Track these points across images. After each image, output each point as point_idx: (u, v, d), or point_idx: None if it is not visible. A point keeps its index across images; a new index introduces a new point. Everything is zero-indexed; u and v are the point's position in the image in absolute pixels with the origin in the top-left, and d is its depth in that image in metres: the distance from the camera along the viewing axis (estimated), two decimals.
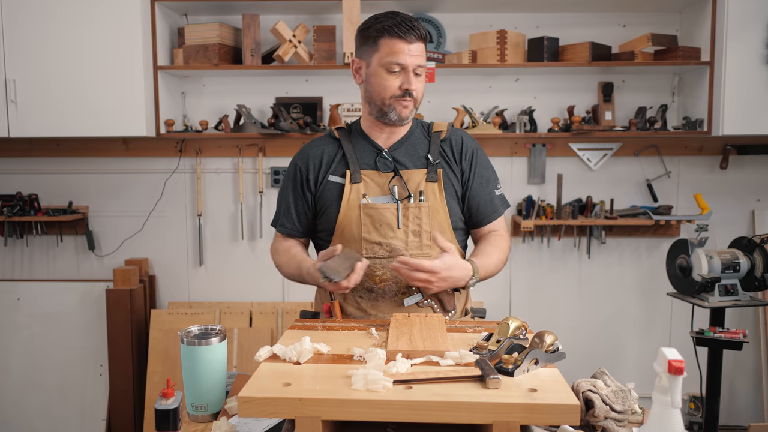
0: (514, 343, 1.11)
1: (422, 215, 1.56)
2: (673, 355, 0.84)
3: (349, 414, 0.94)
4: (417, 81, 1.55)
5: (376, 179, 1.59)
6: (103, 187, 3.20)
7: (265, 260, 3.18)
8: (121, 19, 2.72)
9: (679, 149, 3.09)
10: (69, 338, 3.17)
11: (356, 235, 1.56)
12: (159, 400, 1.11)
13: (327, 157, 1.64)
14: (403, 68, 1.52)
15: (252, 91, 3.11)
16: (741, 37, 2.70)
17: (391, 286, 1.56)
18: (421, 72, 1.55)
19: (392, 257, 1.54)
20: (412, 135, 1.65)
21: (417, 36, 1.52)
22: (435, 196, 1.58)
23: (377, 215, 1.55)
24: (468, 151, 1.65)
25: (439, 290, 1.48)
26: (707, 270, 2.45)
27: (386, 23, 1.51)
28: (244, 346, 3.00)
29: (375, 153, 1.62)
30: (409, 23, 1.52)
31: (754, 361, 3.17)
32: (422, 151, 1.63)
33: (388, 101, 1.55)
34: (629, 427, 1.09)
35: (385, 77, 1.54)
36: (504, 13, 3.06)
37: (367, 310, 1.58)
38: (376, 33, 1.53)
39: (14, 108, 2.75)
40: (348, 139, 1.65)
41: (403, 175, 1.58)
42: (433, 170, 1.60)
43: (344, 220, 1.57)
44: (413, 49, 1.51)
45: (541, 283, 3.17)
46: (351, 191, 1.58)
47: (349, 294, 1.58)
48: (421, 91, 1.57)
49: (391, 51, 1.51)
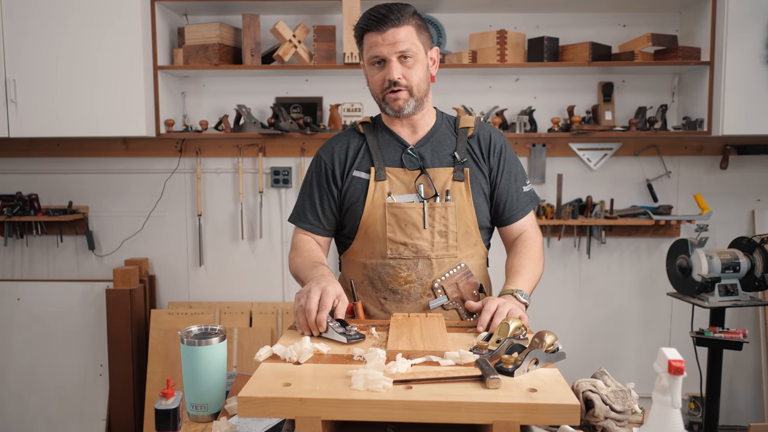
0: (514, 343, 1.11)
1: (449, 215, 1.52)
2: (673, 355, 0.84)
3: (349, 414, 0.94)
4: (406, 68, 1.49)
5: (402, 177, 1.55)
6: (103, 187, 3.20)
7: (265, 260, 3.18)
8: (121, 19, 2.72)
9: (679, 149, 3.09)
10: (69, 338, 3.16)
11: (381, 234, 1.53)
12: (159, 400, 1.11)
13: (352, 151, 1.60)
14: (383, 59, 1.49)
15: (252, 91, 3.11)
16: (741, 37, 2.70)
17: (417, 287, 1.53)
18: (411, 55, 1.48)
19: (417, 258, 1.52)
20: (437, 131, 1.61)
21: (392, 23, 1.46)
22: (462, 195, 1.54)
23: (402, 215, 1.52)
24: (497, 147, 1.60)
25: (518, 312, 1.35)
26: (707, 270, 2.45)
27: (362, 19, 1.50)
28: (244, 346, 3.00)
29: (401, 149, 1.58)
30: (381, 12, 1.47)
31: (754, 361, 3.17)
32: (449, 149, 1.58)
33: (381, 95, 1.54)
34: (629, 427, 1.09)
35: (372, 73, 1.53)
36: (504, 13, 3.06)
37: (391, 312, 1.54)
38: (358, 32, 1.53)
39: (14, 108, 2.75)
40: (373, 133, 1.61)
41: (430, 173, 1.54)
42: (460, 169, 1.55)
43: (368, 219, 1.54)
44: (387, 38, 1.46)
45: (542, 283, 3.14)
46: (375, 189, 1.54)
47: (372, 294, 1.56)
48: (414, 78, 1.50)
49: (369, 46, 1.50)
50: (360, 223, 1.55)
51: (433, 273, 1.53)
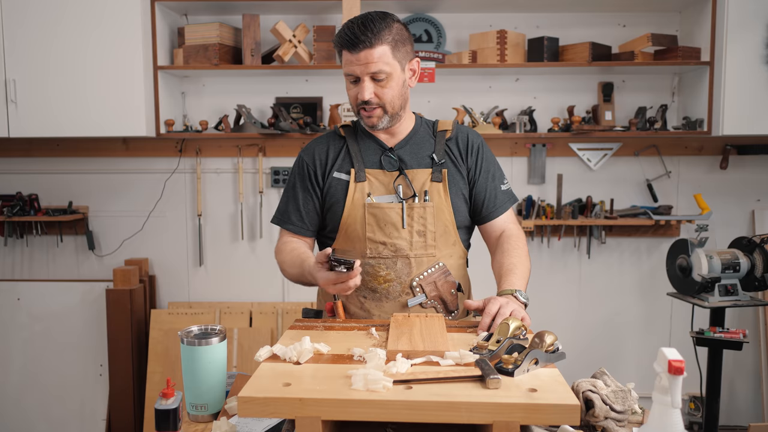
0: (514, 343, 1.11)
1: (427, 215, 1.56)
2: (673, 355, 0.84)
3: (349, 414, 0.94)
4: (379, 87, 1.49)
5: (381, 178, 1.59)
6: (103, 187, 3.20)
7: (265, 260, 3.18)
8: (121, 19, 2.72)
9: (679, 149, 3.09)
10: (69, 338, 3.16)
11: (360, 234, 1.56)
12: (159, 400, 1.11)
13: (333, 152, 1.63)
14: (358, 78, 1.50)
15: (252, 91, 3.11)
16: (741, 37, 2.70)
17: (395, 286, 1.56)
18: (384, 78, 1.48)
19: (396, 257, 1.55)
20: (416, 134, 1.64)
21: (364, 44, 1.45)
22: (440, 195, 1.58)
23: (382, 215, 1.55)
24: (474, 146, 1.64)
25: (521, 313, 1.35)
26: (707, 270, 2.45)
27: (338, 35, 1.50)
28: (244, 346, 3.00)
29: (380, 151, 1.61)
30: (355, 32, 1.45)
31: (754, 361, 3.17)
32: (427, 151, 1.62)
33: (356, 109, 1.56)
34: (629, 427, 1.09)
35: (348, 87, 1.55)
36: (504, 13, 3.06)
37: (370, 310, 1.57)
38: (335, 46, 1.53)
39: (14, 108, 2.75)
40: (353, 137, 1.65)
41: (408, 174, 1.58)
42: (438, 170, 1.59)
43: (348, 219, 1.57)
44: (361, 58, 1.46)
45: (542, 283, 3.17)
46: (355, 190, 1.57)
47: (352, 294, 1.58)
48: (388, 96, 1.51)
49: (344, 62, 1.51)
50: (340, 223, 1.58)
51: (411, 272, 1.55)
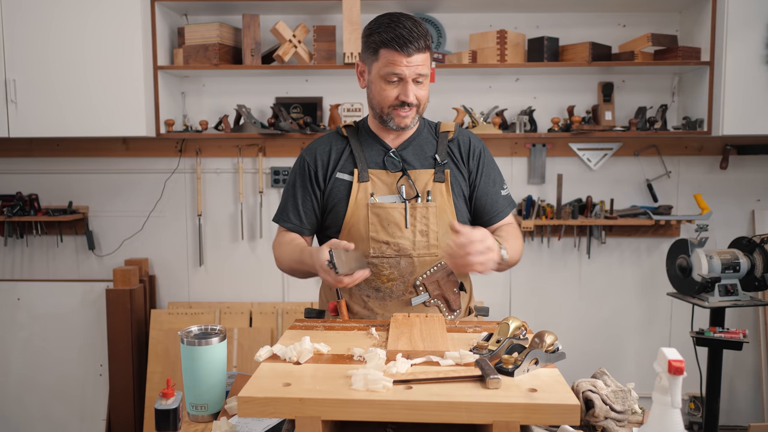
0: (514, 343, 1.11)
1: (429, 215, 1.57)
2: (673, 355, 0.84)
3: (349, 414, 0.94)
4: (418, 88, 1.53)
5: (384, 178, 1.60)
6: (103, 187, 3.20)
7: (265, 260, 3.18)
8: (121, 19, 2.72)
9: (679, 149, 3.09)
10: (69, 338, 3.16)
11: (364, 234, 1.56)
12: (159, 400, 1.11)
13: (335, 153, 1.64)
14: (401, 79, 1.51)
15: (252, 91, 3.11)
16: (741, 37, 2.70)
17: (399, 285, 1.56)
18: (423, 80, 1.53)
19: (399, 256, 1.55)
20: (419, 135, 1.65)
21: (417, 48, 1.47)
22: (442, 196, 1.59)
23: (385, 215, 1.56)
24: (475, 151, 1.65)
25: (488, 264, 1.37)
26: (707, 270, 2.45)
27: (386, 36, 1.48)
28: (244, 346, 3.00)
29: (383, 152, 1.62)
30: (409, 36, 1.47)
31: (754, 361, 3.17)
32: (430, 152, 1.63)
33: (387, 110, 1.55)
34: (629, 427, 1.09)
35: (383, 87, 1.53)
36: (504, 13, 3.06)
37: (374, 309, 1.58)
38: (375, 45, 1.51)
39: (14, 108, 2.75)
40: (356, 137, 1.65)
41: (411, 174, 1.59)
42: (441, 170, 1.60)
43: (351, 218, 1.58)
44: (412, 61, 1.48)
45: (542, 283, 3.17)
46: (359, 190, 1.58)
47: (356, 293, 1.59)
48: (424, 98, 1.56)
49: (389, 62, 1.49)
50: (343, 223, 1.59)
51: (414, 271, 1.56)
